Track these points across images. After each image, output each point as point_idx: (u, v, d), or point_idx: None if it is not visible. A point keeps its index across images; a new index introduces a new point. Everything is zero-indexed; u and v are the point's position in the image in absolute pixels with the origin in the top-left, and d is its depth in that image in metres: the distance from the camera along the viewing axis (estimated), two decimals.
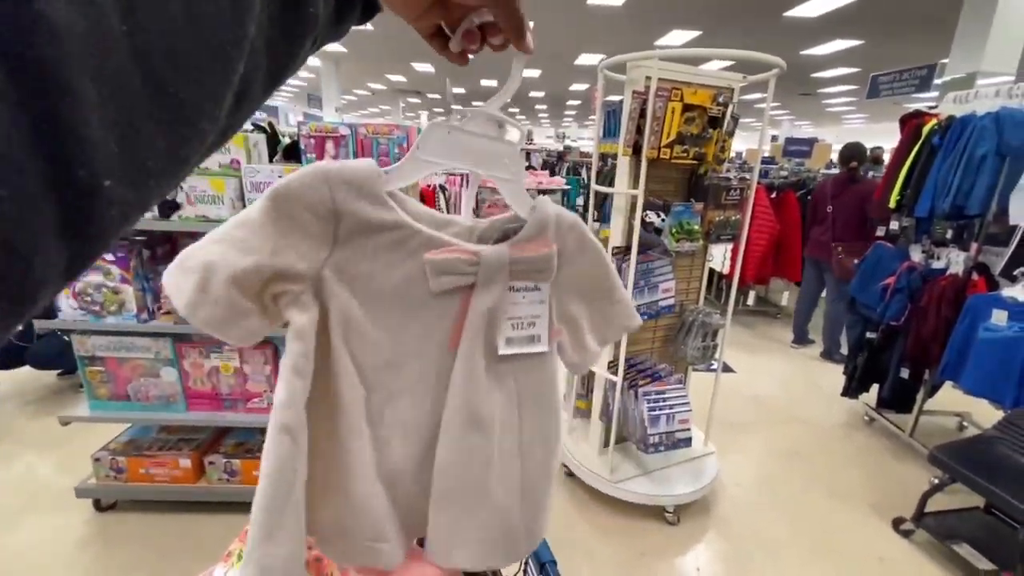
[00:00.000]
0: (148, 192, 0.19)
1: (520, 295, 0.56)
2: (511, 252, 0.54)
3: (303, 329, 0.47)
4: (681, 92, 1.79)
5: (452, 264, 0.52)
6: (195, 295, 0.44)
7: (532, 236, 0.55)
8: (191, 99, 0.19)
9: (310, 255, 0.47)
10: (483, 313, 0.54)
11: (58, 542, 1.97)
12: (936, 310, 2.58)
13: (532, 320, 0.57)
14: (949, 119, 2.62)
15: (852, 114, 17.62)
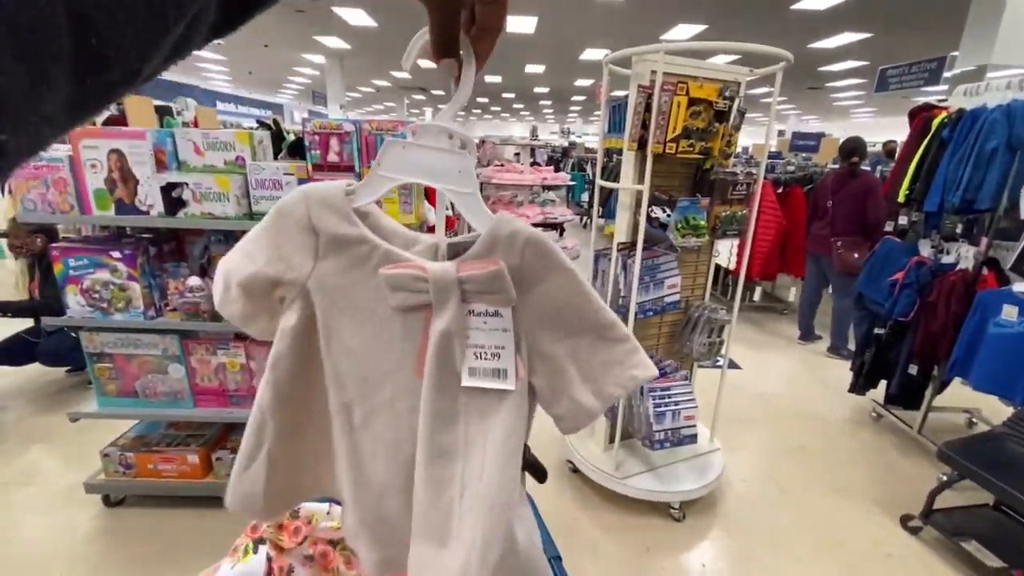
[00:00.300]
0: (43, 140, 0.19)
1: (481, 320, 0.52)
2: (459, 269, 0.51)
3: (284, 331, 0.53)
4: (687, 86, 1.77)
5: (401, 279, 0.51)
6: (222, 295, 0.54)
7: (481, 253, 0.51)
8: (114, 55, 0.19)
9: (298, 267, 0.53)
10: (440, 335, 0.51)
11: (68, 537, 1.99)
12: (945, 305, 2.56)
13: (496, 351, 0.52)
14: (959, 112, 2.59)
15: (860, 108, 17.45)
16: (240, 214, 1.81)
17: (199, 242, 2.03)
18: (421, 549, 0.54)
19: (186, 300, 1.84)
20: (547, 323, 0.52)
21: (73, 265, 1.81)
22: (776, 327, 4.82)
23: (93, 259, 1.81)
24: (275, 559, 0.70)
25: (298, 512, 0.74)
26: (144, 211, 1.79)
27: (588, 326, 0.52)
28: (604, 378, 0.52)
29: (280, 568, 0.71)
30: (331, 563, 0.76)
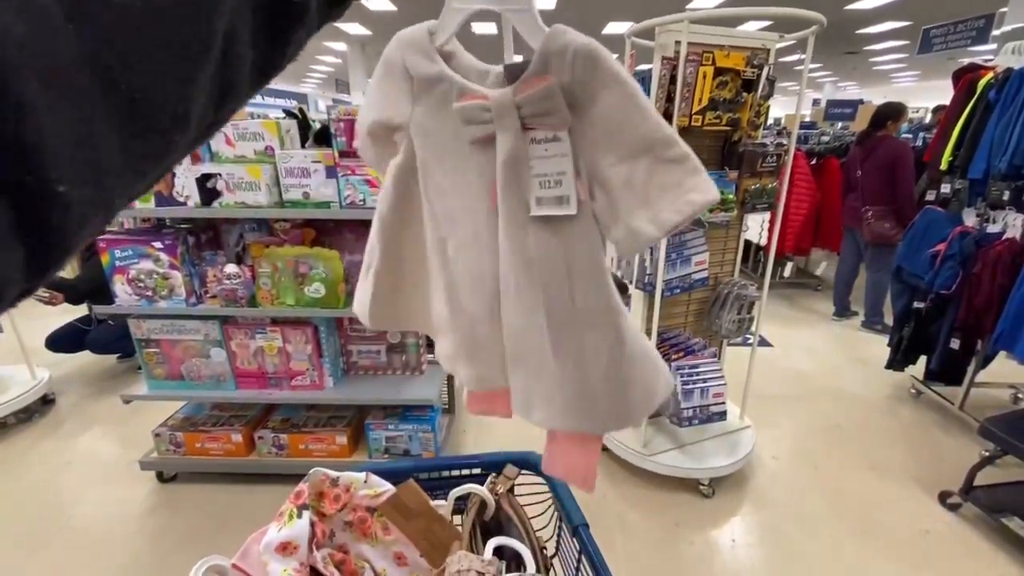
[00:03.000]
0: (110, 192, 0.19)
1: (543, 147, 0.51)
2: (516, 91, 0.50)
3: (391, 168, 0.61)
4: (713, 55, 1.73)
5: (470, 111, 0.52)
6: (360, 142, 0.63)
7: (536, 71, 0.49)
8: (148, 97, 0.19)
9: (403, 111, 0.58)
10: (504, 163, 0.53)
11: (127, 510, 2.13)
12: (991, 277, 2.45)
13: (558, 178, 0.51)
14: (1007, 72, 2.44)
15: (902, 72, 16.52)
16: (271, 202, 1.87)
17: (234, 231, 2.10)
18: (517, 368, 0.60)
19: (224, 287, 1.92)
20: (603, 144, 0.50)
21: (119, 256, 1.91)
22: (809, 303, 4.69)
23: (137, 250, 1.90)
24: (317, 524, 0.75)
25: (337, 480, 0.78)
26: (182, 202, 1.86)
27: (644, 144, 0.49)
28: (660, 203, 0.49)
29: (323, 532, 0.75)
30: (369, 529, 0.80)
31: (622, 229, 0.51)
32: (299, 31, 0.27)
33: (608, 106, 0.49)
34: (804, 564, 1.90)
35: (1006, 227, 2.51)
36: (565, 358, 0.56)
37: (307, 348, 2.05)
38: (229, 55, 0.22)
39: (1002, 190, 2.50)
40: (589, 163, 0.51)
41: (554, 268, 0.54)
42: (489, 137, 0.53)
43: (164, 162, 0.22)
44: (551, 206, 0.52)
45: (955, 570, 1.87)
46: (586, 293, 0.54)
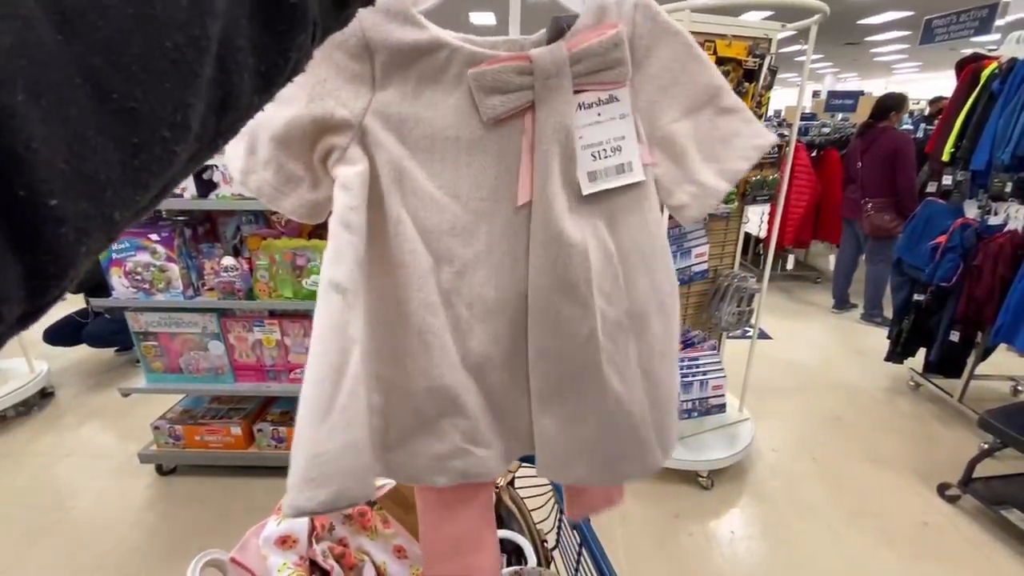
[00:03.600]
0: (109, 206, 0.18)
1: (595, 112, 0.44)
2: (568, 46, 0.43)
3: (348, 180, 0.43)
4: (714, 45, 1.71)
5: (499, 77, 0.42)
6: (246, 160, 0.43)
7: (590, 24, 0.44)
8: (145, 106, 0.18)
9: (350, 101, 0.43)
10: (552, 139, 0.43)
11: (126, 503, 2.13)
12: (992, 269, 2.44)
13: (617, 144, 0.45)
14: (1011, 62, 2.41)
15: (903, 63, 16.45)
16: None
17: (231, 223, 2.09)
18: (549, 409, 0.47)
19: (222, 279, 1.90)
20: (664, 98, 0.46)
21: (115, 248, 1.89)
22: (809, 296, 4.69)
23: (134, 242, 1.88)
24: (316, 517, 0.74)
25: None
26: (178, 194, 1.84)
27: (706, 95, 0.46)
28: (726, 154, 0.46)
29: (322, 525, 0.75)
30: (369, 522, 0.80)
31: (691, 188, 0.46)
32: (300, 36, 0.26)
33: (667, 58, 0.45)
34: (803, 555, 1.91)
35: (1008, 219, 2.50)
36: (624, 369, 0.47)
37: (306, 341, 2.04)
38: (227, 61, 0.21)
39: (1004, 182, 2.49)
40: (648, 122, 0.46)
41: (608, 258, 0.46)
42: (521, 110, 0.43)
43: (166, 174, 0.21)
44: (610, 177, 0.45)
45: (954, 561, 1.88)
46: (653, 278, 0.47)
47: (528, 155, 0.44)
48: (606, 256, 0.46)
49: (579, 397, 0.48)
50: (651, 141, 0.46)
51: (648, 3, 0.44)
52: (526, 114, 0.44)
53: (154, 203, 0.22)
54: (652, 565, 1.85)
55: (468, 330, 0.46)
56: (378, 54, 0.42)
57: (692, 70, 0.46)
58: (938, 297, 2.74)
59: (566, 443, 0.49)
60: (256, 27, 0.23)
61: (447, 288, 0.46)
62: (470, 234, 0.45)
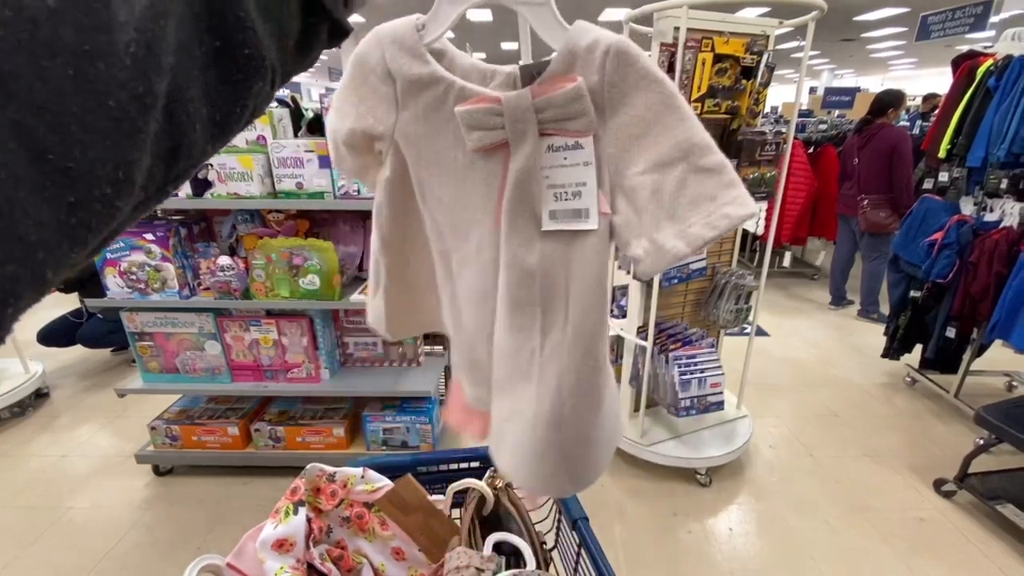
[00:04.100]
0: (41, 266, 0.18)
1: (561, 155, 0.47)
2: (534, 93, 0.45)
3: (380, 183, 0.55)
4: (712, 42, 1.70)
5: (475, 116, 0.46)
6: (334, 154, 0.57)
7: (557, 72, 0.45)
8: (81, 165, 0.18)
9: (385, 118, 0.51)
10: (519, 175, 0.47)
11: (123, 503, 2.12)
12: (987, 265, 2.45)
13: (577, 189, 0.47)
14: (1007, 59, 2.42)
15: (899, 59, 16.46)
16: (264, 193, 1.84)
17: (227, 222, 2.08)
18: (500, 398, 0.57)
19: (218, 279, 1.89)
20: (632, 149, 0.45)
21: (110, 248, 1.88)
22: (806, 292, 4.70)
23: (128, 242, 1.87)
24: (314, 520, 0.74)
25: (334, 476, 0.77)
26: (173, 193, 1.82)
27: (679, 151, 0.44)
28: (691, 217, 0.44)
29: (319, 528, 0.74)
30: (366, 524, 0.79)
31: (645, 244, 0.46)
32: (256, 84, 0.25)
33: (640, 108, 0.44)
34: (801, 551, 1.91)
35: (1003, 215, 2.51)
36: (546, 390, 0.51)
37: (303, 340, 2.03)
38: (177, 113, 0.21)
39: (1000, 178, 2.49)
40: (613, 171, 0.46)
41: (556, 286, 0.50)
42: (497, 145, 0.48)
43: (108, 226, 0.21)
44: (567, 220, 0.48)
45: (949, 556, 1.89)
46: (586, 314, 0.50)
47: (501, 183, 0.49)
48: (555, 288, 0.50)
49: (514, 399, 0.55)
50: (616, 190, 0.47)
51: (625, 50, 0.43)
52: (506, 146, 0.49)
53: (95, 253, 0.22)
54: (651, 563, 1.86)
55: (466, 307, 0.57)
56: (397, 80, 0.50)
57: (667, 123, 0.44)
58: (934, 293, 2.75)
59: (501, 431, 0.57)
60: (210, 78, 0.23)
61: (455, 270, 0.57)
62: (465, 236, 0.54)
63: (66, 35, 0.17)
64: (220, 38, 0.23)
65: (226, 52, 0.23)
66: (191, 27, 0.22)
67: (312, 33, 0.30)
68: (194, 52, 0.22)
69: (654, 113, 0.44)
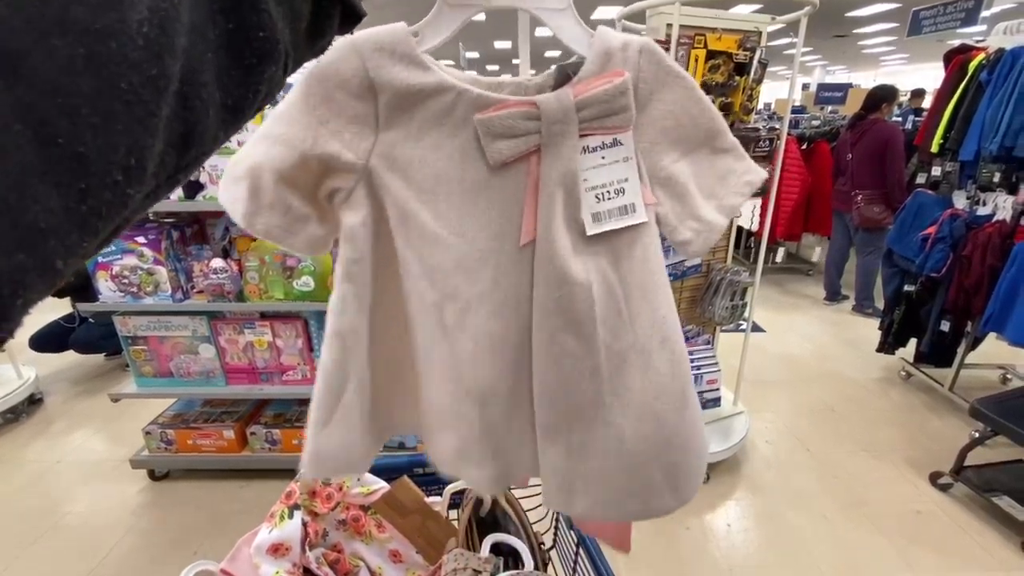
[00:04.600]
0: (51, 255, 0.17)
1: (599, 155, 0.45)
2: (575, 92, 0.44)
3: (353, 230, 0.45)
4: (704, 38, 1.70)
5: (507, 122, 0.42)
6: (249, 204, 0.43)
7: (596, 71, 0.45)
8: (92, 151, 0.17)
9: (355, 143, 0.43)
10: (557, 182, 0.44)
11: (119, 509, 2.11)
12: (980, 259, 2.46)
13: (620, 186, 0.46)
14: (999, 52, 2.43)
15: (891, 55, 16.54)
16: None
17: (219, 224, 2.06)
18: (554, 441, 0.48)
19: (211, 282, 1.88)
20: (666, 140, 0.48)
21: (101, 252, 1.86)
22: (801, 288, 4.72)
23: (120, 245, 1.85)
24: (310, 524, 0.73)
25: (330, 479, 0.76)
26: (183, 182, 1.81)
27: (705, 137, 0.49)
28: (723, 191, 0.49)
29: (315, 532, 0.74)
30: (363, 527, 0.79)
31: (694, 224, 0.48)
32: (270, 69, 0.25)
33: (670, 102, 0.47)
34: (798, 546, 1.92)
35: (996, 209, 2.52)
36: (628, 405, 0.48)
37: (298, 342, 2.02)
38: (190, 98, 0.21)
39: (992, 172, 2.51)
40: (650, 163, 0.48)
41: (612, 291, 0.47)
42: (527, 153, 0.44)
43: (120, 215, 0.20)
44: (614, 218, 0.46)
45: (946, 548, 1.90)
46: (655, 306, 0.48)
47: (532, 196, 0.45)
48: (609, 292, 0.47)
49: (583, 431, 0.49)
50: (653, 181, 0.48)
51: (653, 48, 0.46)
52: (531, 156, 0.45)
53: (106, 243, 0.21)
54: (651, 560, 1.86)
55: (473, 363, 0.48)
56: (382, 94, 0.43)
57: (694, 113, 0.48)
58: (928, 287, 2.76)
59: (570, 475, 0.50)
60: (223, 61, 0.22)
61: (451, 324, 0.47)
62: (475, 271, 0.46)
63: (77, 13, 0.16)
64: (234, 20, 0.22)
65: (240, 34, 0.23)
66: (205, 8, 0.21)
67: (325, 16, 0.29)
68: (208, 34, 0.21)
69: (681, 106, 0.47)
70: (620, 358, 0.48)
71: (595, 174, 0.46)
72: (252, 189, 0.43)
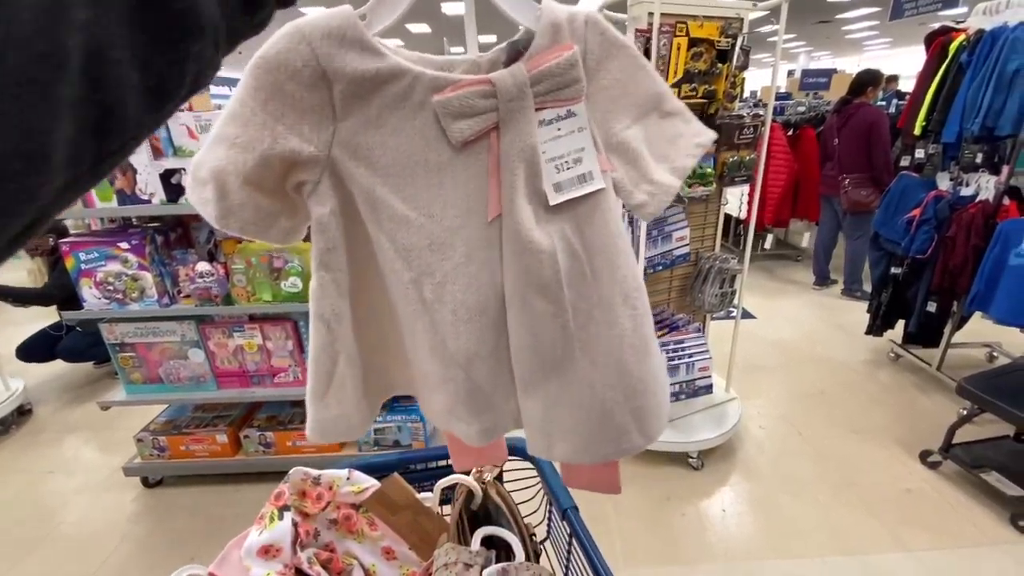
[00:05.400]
0: None
1: (555, 127, 0.47)
2: (528, 68, 0.45)
3: (323, 221, 0.46)
4: (686, 26, 1.70)
5: (465, 102, 0.43)
6: (219, 206, 0.43)
7: (546, 45, 0.46)
8: None
9: (313, 135, 0.43)
10: (518, 157, 0.46)
11: (114, 517, 2.09)
12: (965, 239, 2.49)
13: (578, 155, 0.48)
14: (978, 33, 2.45)
15: (874, 40, 16.62)
16: None
17: (204, 227, 2.04)
18: (533, 393, 0.52)
19: (197, 286, 1.86)
20: (616, 108, 0.50)
21: (84, 259, 1.83)
22: (790, 274, 4.75)
23: (103, 251, 1.83)
24: (300, 524, 0.73)
25: (319, 479, 0.76)
26: (146, 200, 1.79)
27: (652, 101, 0.51)
28: (674, 153, 0.52)
29: (306, 532, 0.73)
30: (355, 525, 0.79)
31: (648, 187, 0.51)
32: (195, 45, 0.23)
33: (616, 70, 0.49)
34: (792, 528, 1.94)
35: (979, 189, 2.55)
36: (593, 350, 0.51)
37: (288, 344, 2.01)
38: (100, 76, 0.19)
39: (975, 152, 2.53)
40: (603, 131, 0.50)
41: (575, 255, 0.49)
42: (487, 130, 0.45)
43: (28, 209, 0.18)
44: (574, 187, 0.48)
45: (937, 525, 1.93)
46: (614, 265, 0.51)
47: (495, 171, 0.47)
48: (573, 256, 0.50)
49: (558, 382, 0.53)
50: (607, 148, 0.50)
51: (597, 19, 0.48)
52: (491, 133, 0.46)
53: (18, 242, 0.19)
54: (648, 548, 1.87)
55: (455, 331, 0.50)
56: (336, 83, 0.42)
57: (639, 79, 0.50)
58: (914, 269, 2.79)
59: (548, 424, 0.54)
60: (138, 36, 0.20)
61: (430, 298, 0.49)
62: (448, 248, 0.48)
63: None
64: None
65: (155, 5, 0.21)
66: None
67: None
68: (115, 4, 0.19)
69: (628, 73, 0.49)
70: (586, 316, 0.51)
71: (553, 146, 0.47)
72: (219, 192, 0.42)
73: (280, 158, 0.42)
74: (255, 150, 0.41)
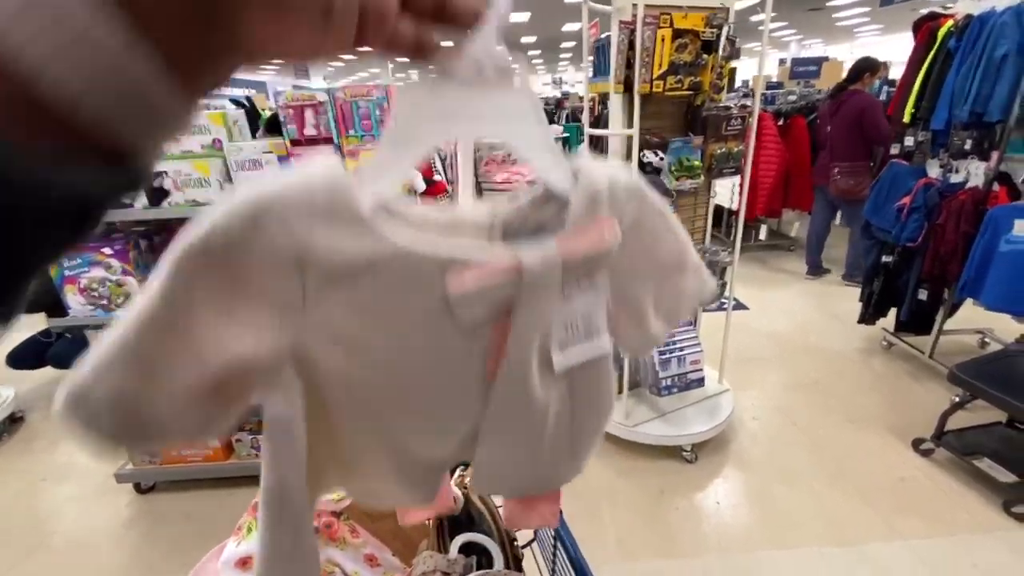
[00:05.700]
0: None
1: (573, 296, 0.43)
2: (560, 249, 0.39)
3: (277, 417, 0.37)
4: (671, 17, 1.68)
5: (487, 292, 0.37)
6: (118, 433, 0.33)
7: (581, 215, 0.41)
8: None
9: (275, 331, 0.33)
10: (531, 328, 0.41)
11: (107, 524, 2.08)
12: (955, 226, 2.49)
13: (587, 317, 0.44)
14: (966, 18, 2.44)
15: (865, 27, 16.58)
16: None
17: None
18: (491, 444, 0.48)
19: None
20: (636, 269, 0.47)
21: (67, 265, 1.81)
22: (783, 264, 4.76)
23: (86, 257, 1.81)
24: None
25: None
26: (128, 204, 1.76)
27: (673, 264, 0.49)
28: (676, 307, 0.51)
29: None
30: (336, 533, 0.78)
31: (640, 336, 0.50)
32: None
33: (647, 235, 0.46)
34: (787, 518, 1.95)
35: (969, 176, 2.55)
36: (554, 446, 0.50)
37: None
38: None
39: (964, 139, 2.53)
40: (618, 288, 0.47)
41: (564, 411, 0.48)
42: (501, 312, 0.40)
43: None
44: (580, 348, 0.45)
45: (930, 512, 1.94)
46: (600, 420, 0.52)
47: (501, 343, 0.41)
48: (562, 401, 0.48)
49: (512, 466, 0.51)
50: (616, 302, 0.47)
51: (638, 187, 0.44)
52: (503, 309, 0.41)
53: None
54: (642, 542, 1.87)
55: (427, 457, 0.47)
56: (313, 268, 0.33)
57: (666, 240, 0.48)
58: (905, 257, 2.79)
59: (495, 469, 0.51)
60: None
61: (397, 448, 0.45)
62: (430, 415, 0.43)
63: None
64: None
65: None
66: None
67: None
68: None
69: (654, 236, 0.47)
70: (559, 437, 0.49)
71: (566, 308, 0.43)
72: (121, 422, 0.31)
73: (227, 370, 0.32)
74: (201, 361, 0.31)
